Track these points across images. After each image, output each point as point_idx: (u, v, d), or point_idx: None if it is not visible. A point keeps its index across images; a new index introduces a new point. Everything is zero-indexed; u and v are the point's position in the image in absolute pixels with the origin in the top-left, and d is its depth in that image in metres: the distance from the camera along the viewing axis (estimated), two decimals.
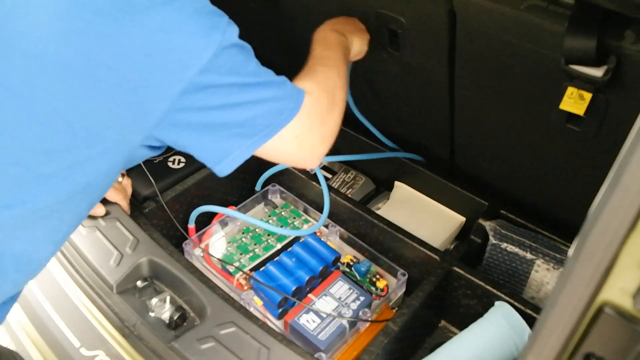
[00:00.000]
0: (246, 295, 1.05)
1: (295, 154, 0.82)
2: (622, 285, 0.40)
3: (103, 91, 0.65)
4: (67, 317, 0.99)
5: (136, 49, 0.64)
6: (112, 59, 0.64)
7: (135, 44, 0.64)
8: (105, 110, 0.67)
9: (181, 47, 0.66)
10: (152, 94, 0.67)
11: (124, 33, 0.63)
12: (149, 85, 0.66)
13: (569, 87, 0.81)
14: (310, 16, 1.25)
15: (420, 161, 1.33)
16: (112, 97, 0.66)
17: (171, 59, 0.66)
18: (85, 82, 0.64)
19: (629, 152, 0.37)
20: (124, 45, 0.64)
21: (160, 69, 0.66)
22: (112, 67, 0.64)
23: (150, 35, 0.64)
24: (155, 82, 0.67)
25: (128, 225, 1.08)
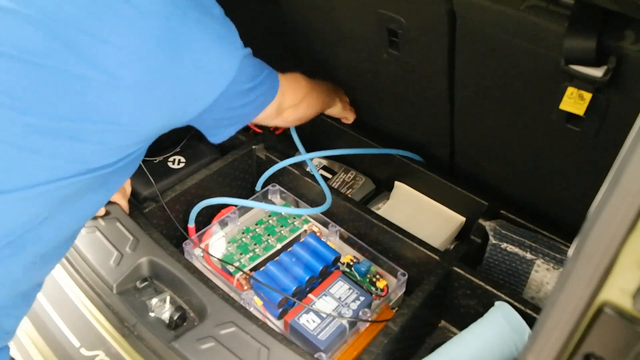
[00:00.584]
0: (246, 295, 1.05)
1: (274, 119, 1.07)
2: (622, 286, 0.39)
3: (160, 106, 0.79)
4: (67, 317, 0.99)
5: (186, 71, 0.79)
6: (169, 80, 0.78)
7: (185, 67, 0.79)
8: (158, 119, 0.81)
9: (217, 64, 0.83)
10: (193, 104, 0.84)
11: (176, 59, 0.77)
12: (194, 98, 0.83)
13: (568, 87, 0.81)
14: (310, 16, 1.25)
15: (420, 161, 1.33)
16: (166, 110, 0.81)
17: (211, 75, 0.82)
18: (147, 100, 0.77)
19: (629, 152, 0.37)
20: (177, 69, 0.78)
21: (202, 84, 0.82)
22: (168, 87, 0.78)
23: (194, 59, 0.79)
24: (198, 94, 0.83)
25: (128, 225, 1.08)
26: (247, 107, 0.94)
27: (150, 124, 0.80)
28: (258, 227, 1.24)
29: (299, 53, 1.42)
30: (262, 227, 1.24)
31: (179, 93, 0.80)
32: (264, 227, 1.24)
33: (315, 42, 1.34)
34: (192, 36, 0.78)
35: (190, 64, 0.79)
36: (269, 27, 1.43)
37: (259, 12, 1.40)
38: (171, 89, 0.79)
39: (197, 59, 0.79)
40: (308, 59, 1.42)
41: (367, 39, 1.13)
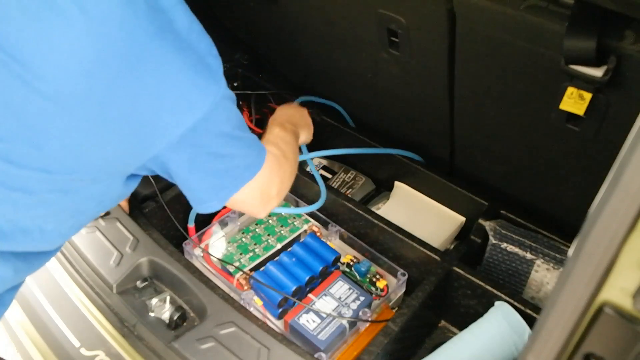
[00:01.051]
0: (246, 295, 1.05)
1: (256, 204, 0.91)
2: (622, 285, 0.39)
3: (113, 129, 0.70)
4: (67, 317, 0.99)
5: (146, 93, 0.69)
6: (125, 100, 0.68)
7: (146, 88, 0.69)
8: (110, 146, 0.71)
9: (186, 94, 0.72)
10: (156, 134, 0.73)
11: (138, 78, 0.68)
12: (155, 127, 0.72)
13: (568, 87, 0.81)
14: (310, 16, 1.25)
15: (420, 161, 1.34)
16: (120, 135, 0.71)
17: (177, 104, 0.72)
18: (97, 120, 0.68)
19: (629, 152, 0.37)
20: (136, 89, 0.68)
21: (168, 112, 0.72)
22: (123, 108, 0.69)
23: (160, 82, 0.70)
24: (160, 124, 0.72)
25: (128, 225, 1.08)
26: (232, 162, 0.82)
27: (101, 149, 0.70)
28: (258, 227, 1.24)
29: (299, 53, 1.42)
30: (262, 227, 1.24)
31: (137, 119, 0.70)
32: (264, 227, 1.24)
33: (315, 42, 1.34)
34: (161, 56, 0.69)
35: (154, 86, 0.69)
36: (269, 27, 1.43)
37: (259, 12, 1.40)
38: (127, 112, 0.69)
39: (164, 81, 0.70)
40: (308, 59, 1.42)
41: (367, 39, 1.13)
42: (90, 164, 0.72)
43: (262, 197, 0.90)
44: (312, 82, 1.51)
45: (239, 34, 1.62)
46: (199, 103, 0.73)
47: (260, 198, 0.89)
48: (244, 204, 0.89)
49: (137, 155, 0.75)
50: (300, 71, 1.51)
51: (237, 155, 0.83)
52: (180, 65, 0.71)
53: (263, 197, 0.90)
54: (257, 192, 0.88)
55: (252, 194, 0.87)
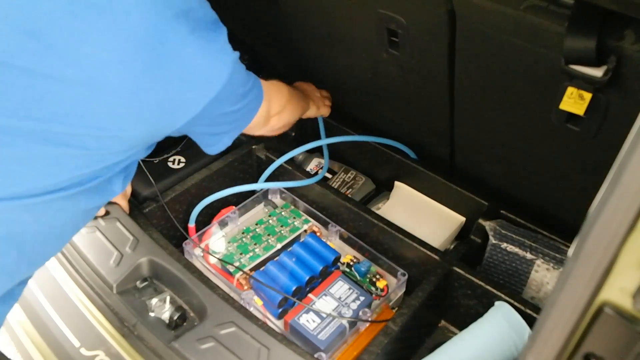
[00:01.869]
0: (246, 295, 1.05)
1: (259, 127, 1.03)
2: (622, 285, 0.39)
3: (144, 112, 0.75)
4: (67, 317, 0.99)
5: (172, 76, 0.75)
6: (153, 85, 0.73)
7: (171, 72, 0.74)
8: (142, 127, 0.77)
9: (206, 70, 0.78)
10: (182, 111, 0.79)
11: (162, 63, 0.73)
12: (181, 105, 0.78)
13: (568, 87, 0.81)
14: (310, 16, 1.25)
15: (414, 158, 1.34)
16: (150, 117, 0.77)
17: (200, 81, 0.78)
18: (129, 105, 0.73)
19: (629, 152, 0.37)
20: (162, 74, 0.74)
21: (191, 91, 0.78)
22: (153, 92, 0.74)
23: (181, 64, 0.75)
24: (186, 102, 0.78)
25: (128, 225, 1.08)
26: (239, 113, 0.91)
27: (135, 129, 0.76)
28: (258, 227, 1.24)
29: (299, 53, 1.42)
30: (262, 227, 1.24)
31: (165, 99, 0.76)
32: (264, 227, 1.24)
33: (315, 42, 1.34)
34: (180, 40, 0.74)
35: (177, 69, 0.75)
36: (269, 27, 1.43)
37: (259, 12, 1.40)
38: (156, 95, 0.75)
39: (186, 63, 0.75)
40: (308, 59, 1.42)
41: (367, 39, 1.13)
42: (123, 142, 0.76)
43: (264, 120, 1.02)
44: (311, 82, 1.51)
45: (239, 34, 1.62)
46: (217, 76, 0.79)
47: (263, 122, 1.02)
48: (249, 130, 1.00)
49: (166, 130, 0.81)
50: (300, 71, 1.51)
51: (247, 103, 0.91)
52: (196, 46, 0.76)
53: (265, 120, 1.02)
54: (261, 118, 0.98)
55: (255, 122, 0.97)
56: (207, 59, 0.78)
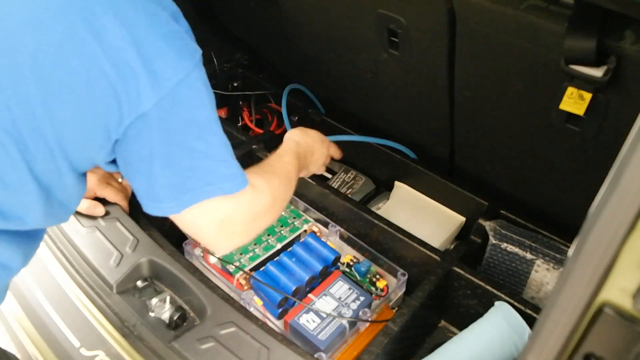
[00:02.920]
0: (246, 295, 1.05)
1: (211, 232, 0.77)
2: (622, 285, 0.39)
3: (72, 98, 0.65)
4: (67, 317, 0.99)
5: (105, 57, 0.64)
6: (81, 63, 0.64)
7: (104, 52, 0.64)
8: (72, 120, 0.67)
9: (154, 61, 0.66)
10: (115, 108, 0.67)
11: (96, 38, 0.63)
12: (114, 99, 0.66)
13: (568, 87, 0.81)
14: (310, 17, 1.25)
15: (414, 159, 1.34)
16: (80, 105, 0.66)
17: (138, 75, 0.66)
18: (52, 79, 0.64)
19: (629, 152, 0.37)
20: (94, 52, 0.64)
21: (126, 83, 0.65)
22: (80, 72, 0.64)
23: (120, 46, 0.64)
24: (120, 96, 0.66)
25: (128, 225, 1.08)
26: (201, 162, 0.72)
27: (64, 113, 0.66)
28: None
29: (299, 53, 1.42)
30: None
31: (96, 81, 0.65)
32: None
33: (315, 42, 1.34)
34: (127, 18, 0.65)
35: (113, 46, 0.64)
36: (269, 27, 1.43)
37: (259, 12, 1.40)
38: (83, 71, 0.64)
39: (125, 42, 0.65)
40: (308, 59, 1.42)
41: (367, 39, 1.13)
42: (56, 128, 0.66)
43: (222, 228, 0.76)
44: (311, 82, 1.51)
45: (239, 34, 1.62)
46: (164, 75, 0.66)
47: (219, 227, 0.76)
48: (197, 226, 0.76)
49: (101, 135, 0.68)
50: (300, 71, 1.51)
51: (209, 156, 0.72)
52: (150, 30, 0.66)
53: (223, 228, 0.76)
54: (217, 218, 0.75)
55: (210, 217, 0.75)
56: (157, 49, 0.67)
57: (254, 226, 0.82)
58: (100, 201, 1.09)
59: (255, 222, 0.82)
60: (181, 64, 0.68)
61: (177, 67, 0.67)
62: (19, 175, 0.68)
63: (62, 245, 1.07)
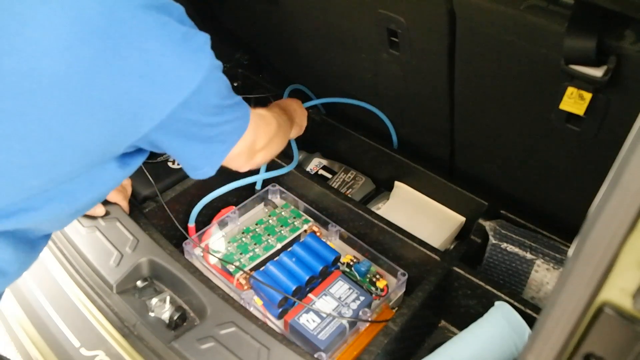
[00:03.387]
0: (246, 295, 1.05)
1: (242, 160, 0.94)
2: (622, 285, 0.39)
3: (99, 111, 0.67)
4: (67, 317, 0.99)
5: (131, 70, 0.66)
6: (108, 79, 0.65)
7: (130, 66, 0.66)
8: (97, 128, 0.68)
9: (174, 69, 0.69)
10: (144, 113, 0.70)
11: (119, 54, 0.65)
12: (143, 106, 0.69)
13: (569, 87, 0.81)
14: (310, 17, 1.25)
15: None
16: (106, 116, 0.68)
17: (165, 81, 0.69)
18: (80, 101, 0.65)
19: (629, 152, 0.37)
20: (119, 67, 0.65)
21: (154, 90, 0.69)
22: (107, 87, 0.65)
23: (145, 58, 0.67)
24: (149, 103, 0.69)
25: (128, 225, 1.08)
26: (217, 130, 0.81)
27: (87, 132, 0.67)
28: (258, 227, 1.24)
29: (299, 53, 1.42)
30: (262, 227, 1.24)
31: (123, 98, 0.67)
32: (264, 227, 1.24)
33: (315, 43, 1.34)
34: (144, 31, 0.66)
35: (137, 63, 0.66)
36: (269, 27, 1.43)
37: (259, 12, 1.40)
38: (110, 91, 0.66)
39: (149, 58, 0.67)
40: (308, 59, 1.42)
41: (367, 39, 1.13)
42: (76, 147, 0.68)
43: (249, 153, 0.93)
44: (311, 82, 1.51)
45: (239, 34, 1.62)
46: (188, 78, 0.71)
47: (247, 154, 0.92)
48: (232, 161, 0.90)
49: (125, 136, 0.72)
50: (300, 71, 1.51)
51: (226, 121, 0.82)
52: (166, 40, 0.68)
53: (250, 152, 0.93)
54: (245, 148, 0.90)
55: (239, 151, 0.88)
56: (176, 57, 0.69)
57: (272, 141, 1.00)
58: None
59: (271, 137, 0.99)
60: (198, 63, 0.72)
61: (197, 67, 0.71)
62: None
63: (62, 245, 1.07)
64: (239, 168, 0.96)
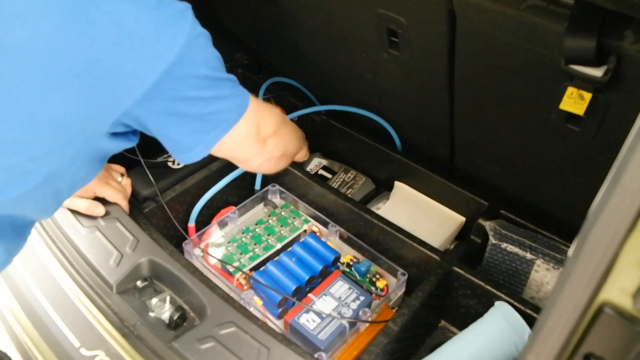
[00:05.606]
0: (246, 295, 1.05)
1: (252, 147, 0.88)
2: (622, 285, 0.39)
3: (70, 81, 0.63)
4: (67, 317, 0.99)
5: (102, 37, 0.62)
6: (76, 46, 0.61)
7: (100, 32, 0.62)
8: (71, 101, 0.65)
9: (151, 36, 0.65)
10: (123, 84, 0.66)
11: (88, 19, 0.61)
12: (120, 76, 0.65)
13: (568, 87, 0.81)
14: (310, 16, 1.25)
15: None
16: (79, 87, 0.64)
17: (142, 49, 0.65)
18: (48, 71, 0.62)
19: (629, 151, 0.37)
20: (89, 33, 0.62)
21: (131, 59, 0.65)
22: (76, 55, 0.62)
23: (118, 24, 0.63)
24: (126, 72, 0.66)
25: (128, 225, 1.08)
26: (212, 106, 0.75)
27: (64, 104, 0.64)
28: (258, 227, 1.24)
29: (298, 53, 1.42)
30: (262, 227, 1.24)
31: (97, 67, 0.63)
32: (264, 227, 1.24)
33: (315, 42, 1.34)
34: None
35: (110, 30, 0.62)
36: (269, 27, 1.43)
37: (259, 12, 1.40)
38: (80, 59, 0.62)
39: (122, 24, 0.62)
40: (308, 59, 1.42)
41: (367, 39, 1.13)
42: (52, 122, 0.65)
43: (257, 138, 0.86)
44: (311, 82, 1.52)
45: (239, 34, 1.62)
46: (167, 45, 0.66)
47: (256, 139, 0.86)
48: (241, 148, 0.85)
49: (105, 111, 0.68)
50: (300, 71, 1.51)
51: (223, 97, 0.77)
52: (139, 4, 0.64)
53: (258, 137, 0.86)
54: (250, 131, 0.84)
55: (244, 133, 0.82)
56: (152, 21, 0.65)
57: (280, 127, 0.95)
58: (100, 201, 1.10)
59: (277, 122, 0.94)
60: (177, 28, 0.67)
61: (177, 33, 0.67)
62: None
63: (62, 245, 1.07)
64: (252, 158, 0.90)
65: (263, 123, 0.89)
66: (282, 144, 0.98)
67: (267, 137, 0.92)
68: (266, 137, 0.91)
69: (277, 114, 0.98)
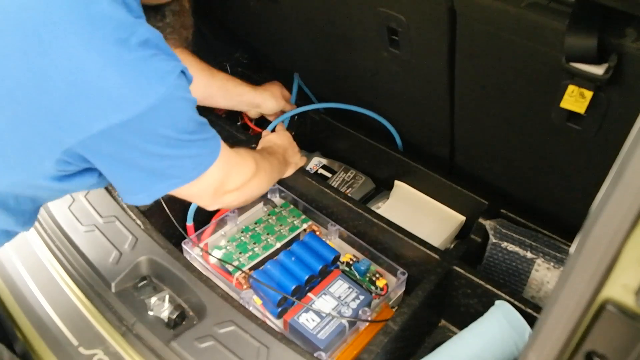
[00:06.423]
0: (245, 294, 1.05)
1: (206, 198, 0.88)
2: (624, 282, 0.39)
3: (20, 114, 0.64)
4: (66, 316, 0.99)
5: (56, 73, 0.63)
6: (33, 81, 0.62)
7: (58, 70, 0.63)
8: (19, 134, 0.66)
9: (114, 89, 0.65)
10: (69, 123, 0.66)
11: (48, 56, 0.62)
12: (64, 114, 0.65)
13: (569, 85, 0.81)
14: (310, 16, 1.25)
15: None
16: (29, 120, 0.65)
17: (99, 98, 0.65)
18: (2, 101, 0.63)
19: (631, 149, 0.37)
20: (47, 70, 0.62)
21: (81, 102, 0.65)
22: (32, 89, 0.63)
23: (80, 68, 0.63)
24: (77, 114, 0.65)
25: (127, 224, 1.08)
26: (173, 161, 0.75)
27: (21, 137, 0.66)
28: (257, 226, 1.23)
29: (299, 53, 1.42)
30: (262, 226, 1.24)
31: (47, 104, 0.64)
32: (264, 226, 1.24)
33: (315, 42, 1.34)
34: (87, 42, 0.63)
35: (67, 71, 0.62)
36: (269, 26, 1.43)
37: (259, 11, 1.40)
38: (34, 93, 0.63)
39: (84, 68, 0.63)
40: (308, 58, 1.42)
41: (368, 38, 1.13)
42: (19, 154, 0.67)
43: (215, 193, 0.87)
44: (311, 82, 1.51)
45: (239, 34, 1.62)
46: (129, 102, 0.65)
47: (213, 194, 0.87)
48: (193, 198, 0.89)
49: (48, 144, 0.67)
50: (299, 70, 1.51)
51: (182, 156, 0.76)
52: (112, 58, 0.64)
53: (216, 192, 0.87)
54: (209, 187, 0.84)
55: (201, 189, 0.83)
56: (120, 76, 0.64)
57: (249, 182, 0.95)
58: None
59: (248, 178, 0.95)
60: (150, 88, 0.66)
61: (146, 93, 0.66)
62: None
63: (61, 243, 1.07)
64: (204, 207, 0.92)
65: (229, 179, 0.88)
66: (244, 197, 0.97)
67: (229, 192, 0.91)
68: (227, 192, 0.90)
69: (249, 170, 0.95)
